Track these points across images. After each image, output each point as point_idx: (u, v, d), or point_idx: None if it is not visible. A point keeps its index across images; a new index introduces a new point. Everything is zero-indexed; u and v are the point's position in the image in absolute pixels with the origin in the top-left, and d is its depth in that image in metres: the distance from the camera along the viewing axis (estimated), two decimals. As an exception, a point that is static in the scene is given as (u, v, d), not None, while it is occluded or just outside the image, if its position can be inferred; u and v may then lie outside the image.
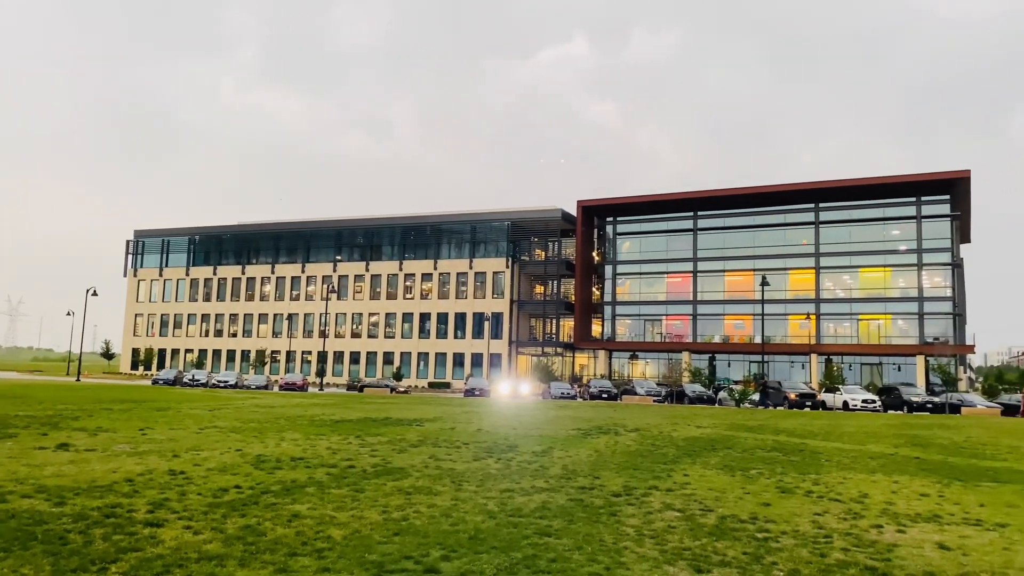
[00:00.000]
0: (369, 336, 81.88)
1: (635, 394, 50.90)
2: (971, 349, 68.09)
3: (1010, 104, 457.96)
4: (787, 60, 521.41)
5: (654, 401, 48.25)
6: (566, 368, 76.28)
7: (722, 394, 51.35)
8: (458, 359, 76.89)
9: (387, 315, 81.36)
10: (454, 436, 18.86)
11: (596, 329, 78.23)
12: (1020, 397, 44.73)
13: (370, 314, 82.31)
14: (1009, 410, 44.27)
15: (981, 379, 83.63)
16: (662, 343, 72.69)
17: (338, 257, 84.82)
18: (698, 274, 72.29)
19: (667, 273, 74.10)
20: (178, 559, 6.85)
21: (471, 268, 78.11)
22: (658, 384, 57.35)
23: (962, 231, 69.58)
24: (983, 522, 9.47)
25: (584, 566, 6.98)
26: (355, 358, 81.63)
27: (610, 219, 77.31)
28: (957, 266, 65.63)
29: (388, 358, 79.86)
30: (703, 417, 30.76)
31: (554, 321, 79.79)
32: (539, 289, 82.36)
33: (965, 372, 73.44)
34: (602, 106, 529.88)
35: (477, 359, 75.46)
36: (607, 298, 76.12)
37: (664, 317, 74.04)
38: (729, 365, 68.91)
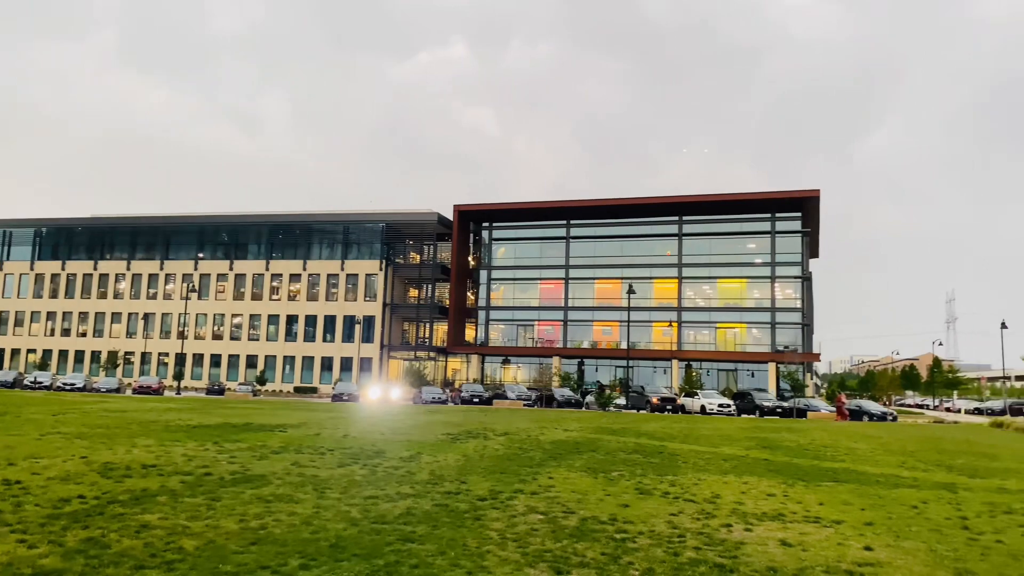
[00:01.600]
0: (232, 338, 78.78)
1: (506, 398, 51.41)
2: (817, 357, 73.11)
3: (858, 128, 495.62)
4: (656, 76, 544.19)
5: (524, 405, 48.88)
6: (439, 373, 76.15)
7: (589, 398, 52.68)
8: (326, 363, 75.25)
9: (252, 316, 78.57)
10: (319, 442, 18.40)
11: (470, 334, 78.55)
12: (838, 402, 47.75)
13: (233, 315, 79.23)
14: (850, 414, 47.71)
15: (825, 385, 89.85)
16: (534, 348, 73.87)
17: (200, 255, 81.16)
18: (570, 281, 74.00)
19: (540, 279, 75.43)
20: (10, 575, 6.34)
21: (343, 270, 76.70)
22: (529, 388, 58.17)
23: (811, 246, 74.59)
24: (821, 519, 10.14)
25: (447, 571, 6.97)
26: (216, 361, 78.32)
27: (486, 224, 77.90)
28: (806, 279, 70.29)
29: (251, 361, 77.12)
30: (570, 421, 31.43)
31: (428, 325, 79.50)
32: (413, 293, 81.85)
33: (811, 379, 78.60)
34: (480, 112, 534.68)
35: (347, 363, 74.12)
36: (481, 303, 76.62)
37: (536, 322, 75.28)
38: (597, 370, 70.85)
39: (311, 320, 76.78)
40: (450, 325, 75.77)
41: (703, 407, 46.87)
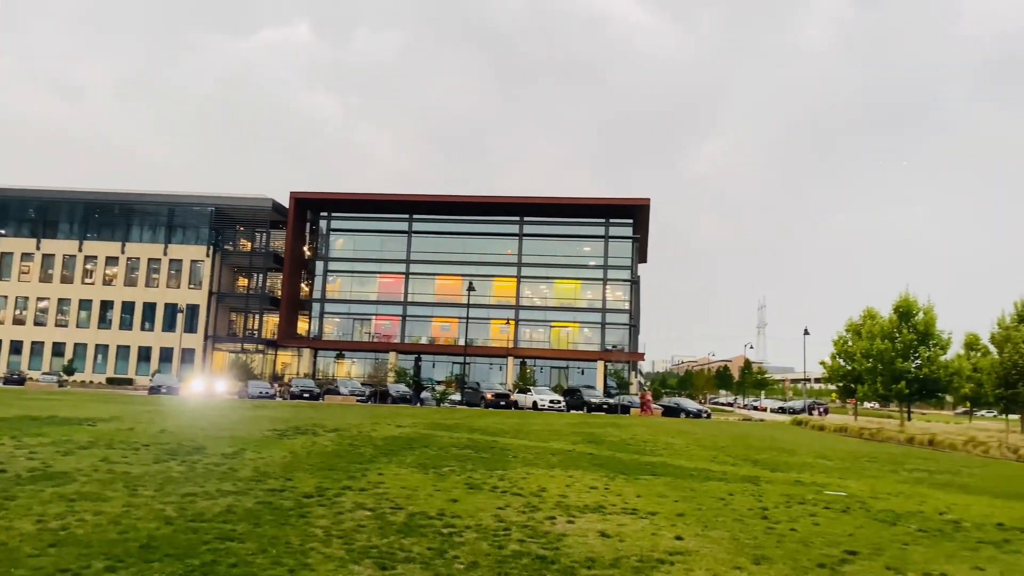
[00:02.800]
0: (36, 323, 72.19)
1: (338, 394, 50.38)
2: (642, 357, 77.06)
3: (688, 143, 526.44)
4: (505, 77, 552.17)
5: (357, 401, 48.12)
6: (267, 366, 73.44)
7: (425, 394, 52.67)
8: (144, 353, 70.62)
9: (60, 300, 72.39)
10: (133, 437, 17.25)
11: (302, 326, 76.31)
12: (643, 399, 50.27)
13: (39, 298, 72.64)
14: (669, 411, 50.60)
15: (649, 384, 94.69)
16: (370, 343, 72.86)
17: (1, 231, 73.68)
18: (410, 276, 73.59)
19: (380, 273, 74.48)
20: None
21: (166, 254, 72.25)
22: (363, 384, 57.29)
23: (641, 252, 78.44)
24: (638, 511, 10.69)
25: (267, 569, 6.73)
26: (16, 348, 71.56)
27: (324, 214, 75.93)
28: (635, 283, 73.83)
29: (58, 349, 71.00)
30: (404, 417, 31.29)
31: (257, 316, 76.41)
32: (243, 282, 78.33)
33: (636, 377, 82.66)
34: (322, 98, 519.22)
35: (167, 354, 69.88)
36: (316, 295, 74.60)
37: (374, 317, 74.28)
38: (434, 366, 70.92)
39: (128, 307, 71.72)
40: (282, 317, 73.21)
41: (535, 403, 48.10)
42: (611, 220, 72.11)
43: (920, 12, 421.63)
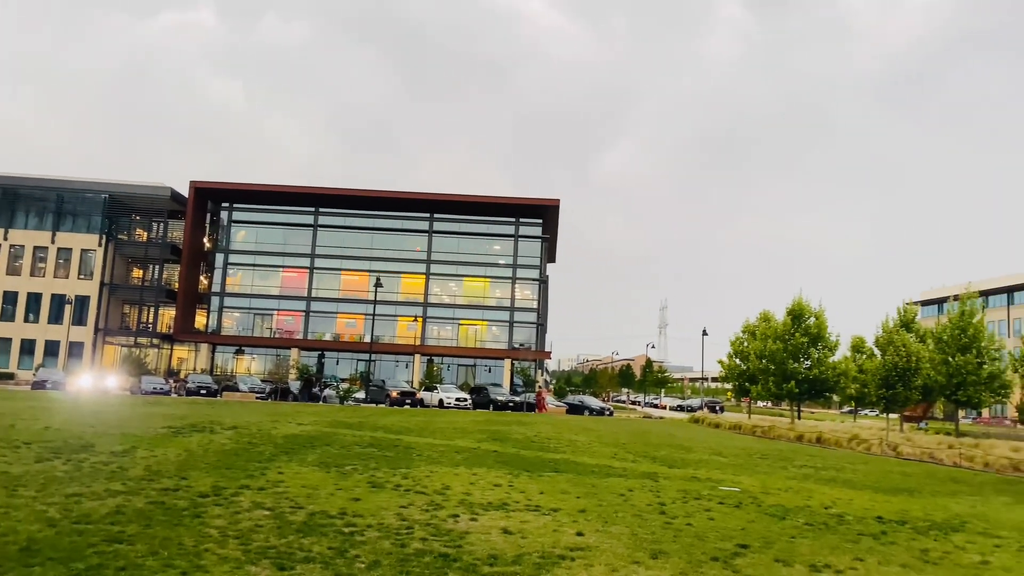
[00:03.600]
0: (-97, 313, 67.17)
1: (237, 390, 48.91)
2: (548, 355, 77.91)
3: (597, 146, 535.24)
4: (416, 71, 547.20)
5: (257, 398, 46.85)
6: (163, 361, 70.63)
7: (328, 391, 51.73)
8: (28, 346, 66.72)
9: (-67, 289, 67.55)
10: (13, 435, 16.29)
11: (200, 321, 73.72)
12: (539, 397, 50.83)
13: (-92, 286, 67.61)
14: (573, 409, 51.38)
15: (554, 382, 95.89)
16: (272, 339, 71.05)
17: None
18: (315, 271, 72.13)
19: (283, 267, 72.70)
20: None
21: (53, 242, 68.44)
22: (263, 380, 55.73)
23: (550, 252, 79.32)
24: (541, 508, 10.81)
25: (158, 572, 6.48)
26: None
27: (226, 205, 73.51)
28: (543, 282, 74.62)
29: (-71, 341, 66.24)
30: (306, 414, 30.67)
31: (152, 309, 73.33)
32: (138, 273, 74.97)
33: (542, 375, 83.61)
34: (227, 85, 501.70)
35: (52, 347, 66.22)
36: (216, 288, 72.16)
37: (276, 312, 72.47)
38: (338, 363, 69.76)
39: (11, 297, 67.58)
40: (179, 310, 70.46)
41: (441, 401, 47.98)
42: (521, 219, 72.62)
43: (817, 29, 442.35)
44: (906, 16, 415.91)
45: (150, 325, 72.93)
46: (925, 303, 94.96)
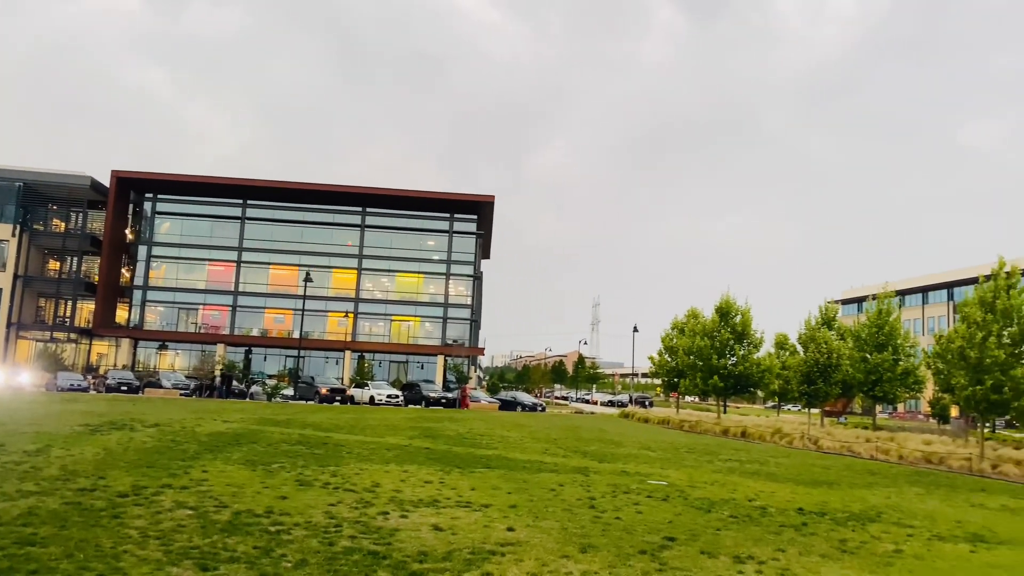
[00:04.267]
0: None
1: (160, 387, 47.45)
2: (482, 352, 78.00)
3: (531, 144, 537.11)
4: (350, 65, 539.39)
5: (181, 395, 45.53)
6: (81, 357, 67.93)
7: (255, 388, 50.62)
8: (-65, 341, 63.31)
9: None
10: (-84, 434, 15.44)
11: (122, 315, 71.24)
12: (462, 393, 50.60)
13: None
14: (506, 405, 51.52)
15: (487, 378, 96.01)
16: (197, 334, 69.12)
17: None
18: (242, 264, 70.48)
19: (209, 260, 70.82)
20: None
21: (-37, 232, 65.07)
22: (188, 377, 54.15)
23: (484, 248, 79.31)
24: (472, 504, 10.81)
25: (73, 575, 6.23)
26: None
27: (149, 195, 71.16)
28: (477, 278, 74.55)
29: None
30: (232, 412, 29.96)
31: (70, 303, 70.39)
32: (54, 265, 71.83)
33: (476, 371, 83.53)
34: (152, 72, 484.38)
35: (-38, 342, 63.01)
36: (138, 282, 69.82)
37: (202, 307, 70.57)
38: (266, 359, 68.38)
39: (-85, 289, 64.06)
40: (98, 304, 67.86)
41: (372, 398, 47.50)
42: (456, 215, 72.37)
43: (747, 35, 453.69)
44: (831, 25, 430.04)
45: (68, 319, 70.02)
46: (845, 302, 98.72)
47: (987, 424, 31.03)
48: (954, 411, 43.33)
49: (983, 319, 23.16)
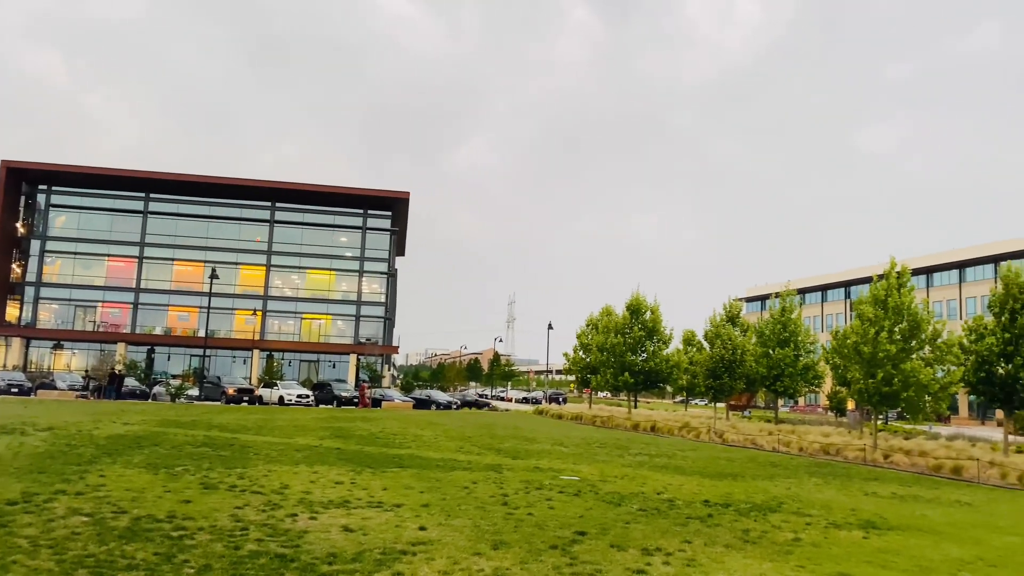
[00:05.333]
0: None
1: (55, 388, 45.11)
2: (396, 350, 77.27)
3: (449, 140, 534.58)
4: (260, 55, 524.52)
5: (78, 396, 43.38)
6: (-34, 357, 63.93)
7: (158, 388, 48.73)
8: None
9: None
10: None
11: (12, 313, 67.43)
12: (361, 391, 50.03)
13: None
14: (420, 403, 51.18)
15: (402, 376, 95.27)
16: (95, 332, 66.08)
17: None
18: (144, 260, 67.77)
19: (108, 256, 67.80)
20: None
21: None
22: (85, 377, 51.63)
23: (399, 245, 78.58)
24: (384, 504, 10.70)
25: (-47, 591, 5.86)
26: None
27: (44, 187, 67.59)
28: (392, 275, 73.84)
29: None
30: (133, 413, 28.75)
31: (-46, 300, 66.18)
32: (-63, 260, 67.41)
33: (390, 370, 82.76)
34: (44, 57, 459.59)
35: None
36: (31, 278, 66.26)
37: (100, 304, 67.53)
38: (169, 358, 65.99)
39: None
40: (-13, 301, 64.09)
41: (282, 398, 46.41)
42: (369, 211, 71.47)
43: (659, 38, 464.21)
44: (740, 30, 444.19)
45: (-50, 317, 65.82)
46: (750, 299, 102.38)
47: (880, 416, 32.71)
48: (850, 404, 45.42)
49: (876, 316, 24.43)
